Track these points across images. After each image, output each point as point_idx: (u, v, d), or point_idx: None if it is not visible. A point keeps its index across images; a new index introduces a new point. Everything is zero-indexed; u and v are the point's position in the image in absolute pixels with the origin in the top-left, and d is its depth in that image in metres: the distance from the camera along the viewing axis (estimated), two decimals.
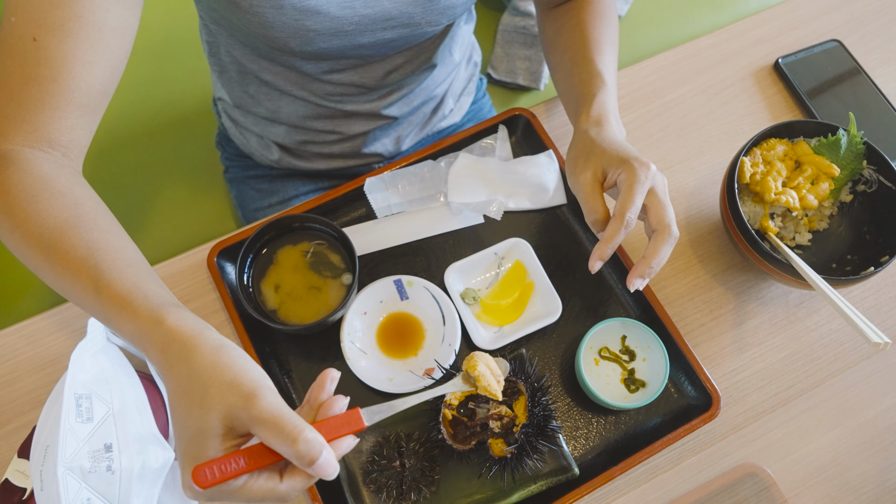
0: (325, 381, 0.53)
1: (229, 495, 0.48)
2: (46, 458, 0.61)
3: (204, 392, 0.48)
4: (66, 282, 0.56)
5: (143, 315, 0.53)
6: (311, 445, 0.46)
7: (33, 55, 0.58)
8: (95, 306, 0.55)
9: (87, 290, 0.55)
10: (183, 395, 0.49)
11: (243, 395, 0.48)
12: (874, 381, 0.82)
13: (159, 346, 0.51)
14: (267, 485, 0.49)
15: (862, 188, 0.84)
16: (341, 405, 0.52)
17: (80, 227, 0.57)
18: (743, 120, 0.96)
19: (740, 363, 0.82)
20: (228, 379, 0.49)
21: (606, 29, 0.82)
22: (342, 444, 0.50)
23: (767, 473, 0.76)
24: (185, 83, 1.29)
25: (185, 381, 0.49)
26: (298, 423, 0.47)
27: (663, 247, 0.66)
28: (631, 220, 0.65)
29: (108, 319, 0.55)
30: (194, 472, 0.47)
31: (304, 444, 0.46)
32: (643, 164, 0.66)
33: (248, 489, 0.48)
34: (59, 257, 0.56)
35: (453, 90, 1.03)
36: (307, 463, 0.46)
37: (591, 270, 0.68)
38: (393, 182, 0.85)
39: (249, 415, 0.47)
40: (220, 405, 0.48)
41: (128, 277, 0.55)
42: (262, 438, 0.47)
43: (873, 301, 0.86)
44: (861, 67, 0.99)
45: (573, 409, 0.78)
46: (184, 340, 0.51)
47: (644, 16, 1.41)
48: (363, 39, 0.76)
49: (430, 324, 0.80)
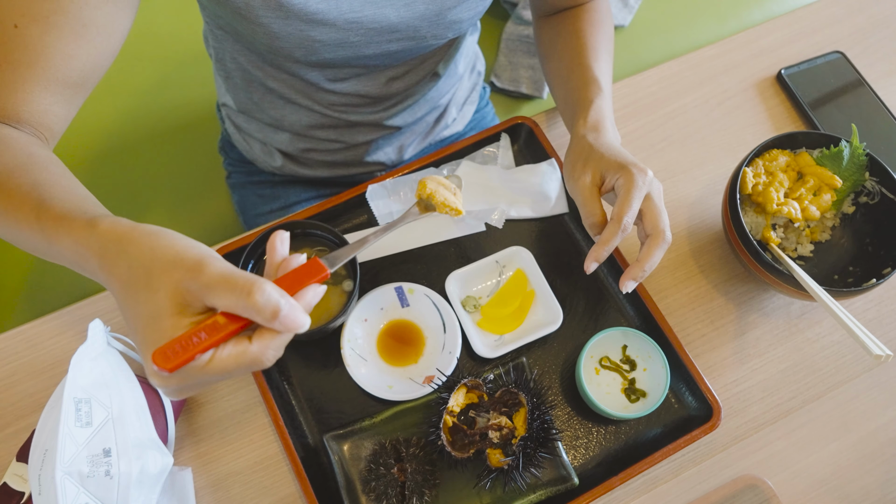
0: (275, 243, 0.49)
1: (200, 375, 0.45)
2: (45, 463, 0.61)
3: (148, 276, 0.45)
4: (10, 218, 0.54)
5: (79, 226, 0.50)
6: (269, 295, 0.43)
7: (11, 40, 0.58)
8: (38, 236, 0.53)
9: (29, 220, 0.53)
10: (128, 287, 0.46)
11: (188, 267, 0.45)
12: (875, 393, 0.82)
13: (97, 251, 0.48)
14: (235, 350, 0.45)
15: (864, 200, 0.84)
16: (299, 260, 0.49)
17: (29, 171, 0.56)
18: (745, 130, 0.96)
19: (741, 374, 0.81)
20: (171, 257, 0.45)
21: (603, 36, 0.83)
22: (307, 294, 0.47)
23: (768, 485, 0.76)
24: (189, 88, 1.29)
25: (127, 273, 0.46)
26: (252, 277, 0.44)
27: (656, 251, 0.68)
28: (628, 224, 0.66)
29: (50, 244, 0.52)
30: (155, 355, 0.43)
31: (261, 295, 0.43)
32: (641, 170, 0.67)
33: (217, 362, 0.45)
34: (4, 195, 0.55)
35: (457, 99, 1.04)
36: (270, 316, 0.43)
37: (587, 271, 0.69)
38: (395, 189, 0.85)
39: (199, 283, 0.44)
40: (167, 282, 0.45)
41: (69, 201, 0.53)
42: (218, 305, 0.44)
43: (875, 313, 0.86)
44: (864, 79, 0.99)
45: (573, 419, 0.78)
46: (118, 236, 0.48)
47: (647, 26, 1.42)
48: (368, 51, 0.76)
49: (431, 331, 0.80)
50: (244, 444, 0.75)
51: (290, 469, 0.74)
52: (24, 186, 0.55)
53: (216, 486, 0.73)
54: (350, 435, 0.74)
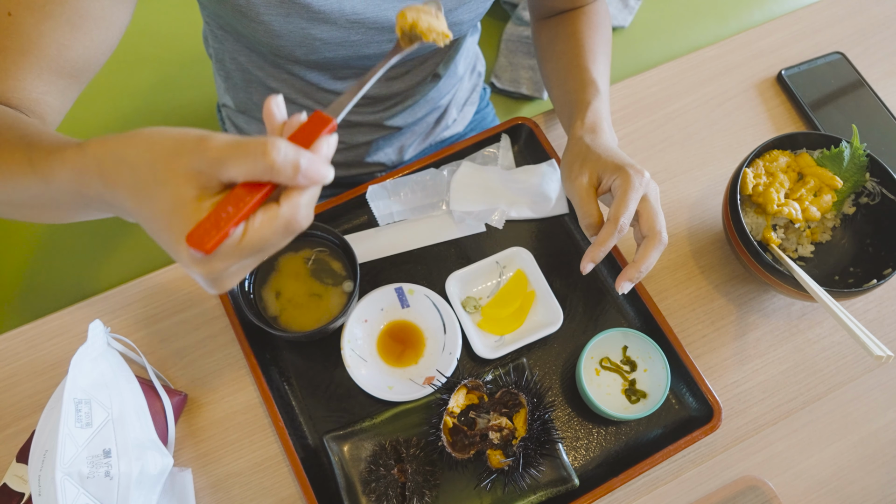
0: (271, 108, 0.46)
1: (237, 252, 0.42)
2: (45, 463, 0.61)
3: (154, 172, 0.43)
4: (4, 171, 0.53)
5: (70, 154, 0.48)
6: (285, 150, 0.41)
7: (5, 28, 0.57)
8: (34, 180, 0.51)
9: (22, 167, 0.51)
10: (138, 191, 0.44)
11: (191, 148, 0.42)
12: (876, 394, 0.81)
13: (95, 168, 0.46)
14: (266, 216, 0.42)
15: (865, 200, 0.84)
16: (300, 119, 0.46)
17: (15, 127, 0.55)
18: (746, 131, 0.96)
19: (742, 375, 0.81)
20: (170, 146, 0.43)
21: (600, 39, 0.83)
22: (321, 146, 0.44)
23: (769, 486, 0.76)
24: (189, 89, 1.29)
25: (132, 178, 0.44)
26: (261, 137, 0.41)
27: (652, 252, 0.68)
28: (624, 225, 0.66)
29: (48, 184, 0.50)
30: (188, 238, 0.41)
31: (277, 152, 0.40)
32: (638, 172, 0.67)
33: (251, 233, 0.42)
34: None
35: (457, 100, 1.04)
36: (292, 171, 0.41)
37: (583, 272, 0.69)
38: (395, 190, 0.85)
39: (208, 159, 0.41)
40: (176, 171, 0.42)
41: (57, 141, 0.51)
42: (234, 176, 0.42)
43: (876, 314, 0.86)
44: (864, 80, 0.99)
45: (573, 420, 0.78)
46: (111, 147, 0.45)
47: (647, 27, 1.42)
48: (369, 51, 0.76)
49: (431, 332, 0.80)
50: (244, 444, 0.75)
51: (291, 470, 0.74)
52: (13, 139, 0.53)
53: (216, 486, 0.73)
54: (350, 436, 0.74)
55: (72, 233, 1.17)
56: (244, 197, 0.42)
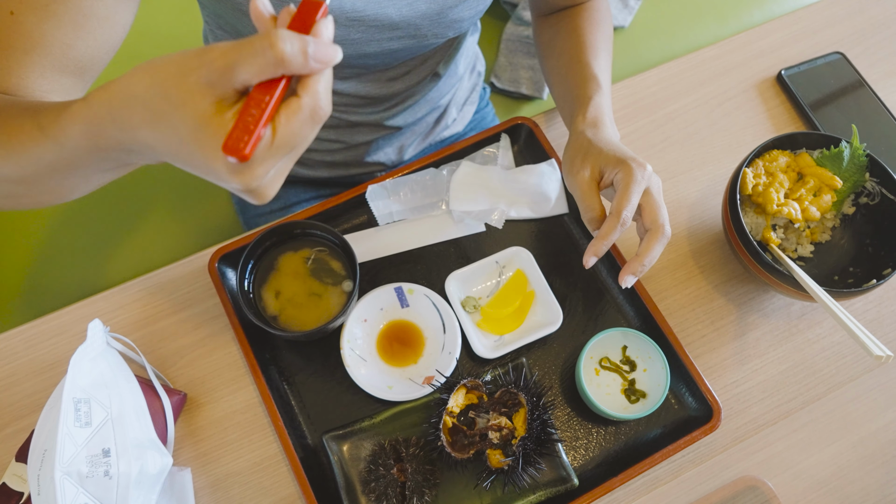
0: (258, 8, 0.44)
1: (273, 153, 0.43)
2: (44, 463, 0.61)
3: (167, 98, 0.42)
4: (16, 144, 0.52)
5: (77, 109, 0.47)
6: (290, 38, 0.40)
7: (8, 27, 0.57)
8: (48, 145, 0.51)
9: (33, 135, 0.51)
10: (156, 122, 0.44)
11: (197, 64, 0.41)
12: (876, 394, 0.81)
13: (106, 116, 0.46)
14: (290, 110, 0.43)
15: (864, 200, 0.84)
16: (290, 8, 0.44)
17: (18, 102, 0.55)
18: (745, 131, 0.96)
19: (741, 375, 0.81)
20: (174, 69, 0.42)
21: (602, 35, 0.83)
22: (321, 30, 0.43)
23: (768, 486, 0.76)
24: None
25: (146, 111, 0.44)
26: (262, 33, 0.41)
27: (656, 245, 0.68)
28: (627, 218, 0.66)
29: (62, 146, 0.50)
30: (225, 148, 0.41)
31: (283, 42, 0.40)
32: (640, 165, 0.67)
33: (281, 130, 0.42)
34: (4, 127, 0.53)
35: (457, 100, 1.04)
36: (302, 56, 0.40)
37: (586, 265, 0.69)
38: (395, 189, 0.85)
39: (217, 69, 0.41)
40: (188, 90, 0.42)
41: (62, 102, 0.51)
42: (246, 78, 0.41)
43: (875, 314, 0.86)
44: (864, 80, 0.99)
45: (573, 419, 0.78)
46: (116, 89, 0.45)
47: (647, 27, 1.42)
48: (369, 49, 0.76)
49: (431, 332, 0.80)
50: (244, 444, 0.75)
51: (290, 470, 0.74)
52: (18, 112, 0.53)
53: (215, 486, 0.73)
54: (350, 435, 0.74)
55: (72, 232, 1.17)
56: (263, 97, 0.42)
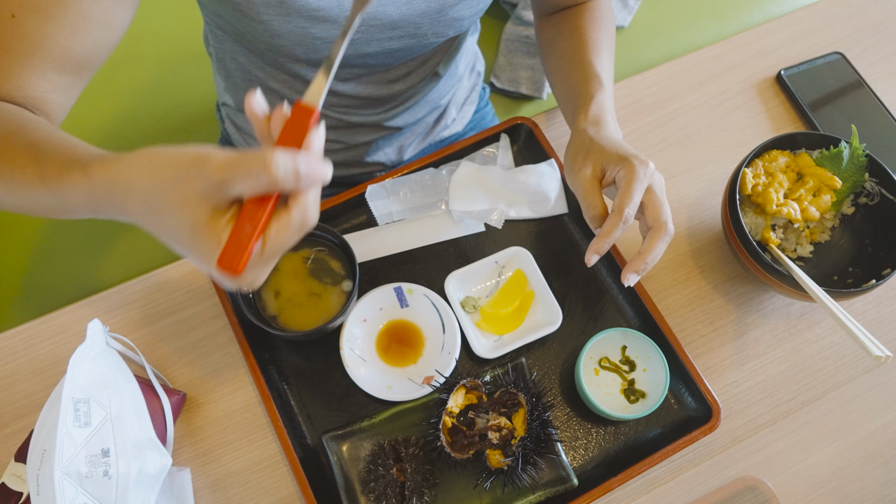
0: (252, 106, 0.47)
1: (262, 262, 0.46)
2: (43, 463, 0.61)
3: (163, 200, 0.45)
4: (17, 184, 0.55)
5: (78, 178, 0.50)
6: (284, 161, 0.43)
7: (9, 30, 0.59)
8: (48, 196, 0.53)
9: (34, 182, 0.53)
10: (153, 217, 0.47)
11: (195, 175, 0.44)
12: (875, 394, 0.82)
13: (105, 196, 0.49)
14: (280, 225, 0.46)
15: (864, 201, 0.84)
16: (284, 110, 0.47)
17: (23, 133, 0.56)
18: (745, 131, 0.96)
19: (741, 375, 0.81)
20: (172, 175, 0.45)
21: (604, 34, 0.83)
22: (312, 143, 0.46)
23: (767, 486, 0.76)
24: (189, 88, 1.29)
25: (144, 206, 0.46)
26: (258, 153, 0.43)
27: (658, 243, 0.67)
28: (629, 216, 0.66)
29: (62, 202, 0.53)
30: (220, 265, 0.44)
31: (277, 164, 0.43)
32: (642, 162, 0.67)
33: (270, 243, 0.46)
34: (6, 162, 0.55)
35: (456, 100, 1.04)
36: (294, 178, 0.43)
37: (588, 263, 0.68)
38: (394, 189, 0.85)
39: (213, 183, 0.44)
40: (185, 197, 0.44)
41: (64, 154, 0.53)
42: (239, 191, 0.44)
43: (875, 314, 0.86)
44: (863, 80, 0.99)
45: (572, 419, 0.78)
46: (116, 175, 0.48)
47: (647, 27, 1.42)
48: (369, 48, 0.76)
49: (430, 332, 0.80)
50: (243, 444, 0.75)
51: (289, 469, 0.74)
52: (23, 149, 0.55)
53: (215, 486, 0.73)
54: (349, 435, 0.74)
55: (71, 232, 1.17)
56: (257, 212, 0.45)
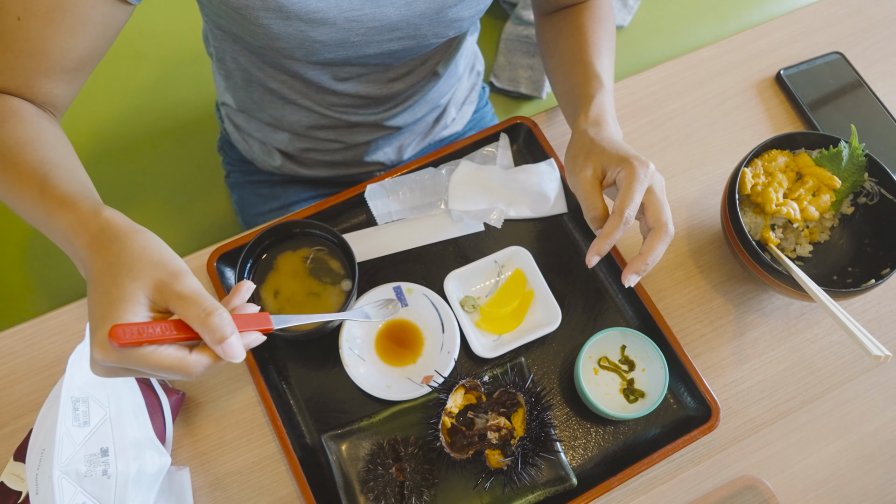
0: (240, 288, 0.56)
1: (137, 362, 0.49)
2: (42, 462, 0.61)
3: (132, 266, 0.51)
4: (16, 189, 0.59)
5: (83, 208, 0.55)
6: (224, 322, 0.49)
7: (14, 31, 0.62)
8: (38, 209, 0.58)
9: (33, 195, 0.58)
10: (111, 269, 0.51)
11: (169, 272, 0.51)
12: (874, 394, 0.82)
13: (93, 231, 0.54)
14: (176, 354, 0.50)
15: (863, 200, 0.84)
16: (251, 308, 0.55)
17: (37, 147, 0.61)
18: (744, 131, 0.96)
19: (740, 374, 0.81)
20: (157, 259, 0.51)
21: (604, 33, 0.83)
22: (250, 337, 0.53)
23: (767, 486, 0.76)
24: (188, 87, 1.29)
25: (115, 258, 0.52)
26: (216, 303, 0.50)
27: (659, 244, 0.67)
28: (630, 217, 0.66)
29: (48, 218, 0.57)
30: (114, 328, 0.47)
31: (218, 319, 0.49)
32: (642, 163, 0.67)
33: (156, 355, 0.49)
34: (12, 169, 0.60)
35: (456, 99, 1.04)
36: (217, 339, 0.49)
37: (588, 265, 0.69)
38: (394, 189, 0.85)
39: (173, 290, 0.50)
40: (148, 277, 0.50)
41: (71, 185, 0.58)
42: (180, 313, 0.50)
43: (874, 314, 0.86)
44: (863, 80, 0.99)
45: (572, 419, 0.78)
46: (118, 228, 0.53)
47: (646, 26, 1.42)
48: (369, 50, 0.76)
49: (429, 331, 0.80)
50: (242, 443, 0.75)
51: (288, 469, 0.74)
52: (32, 163, 0.60)
53: (214, 485, 0.73)
54: (348, 435, 0.74)
55: None
56: (174, 330, 0.50)
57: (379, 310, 0.71)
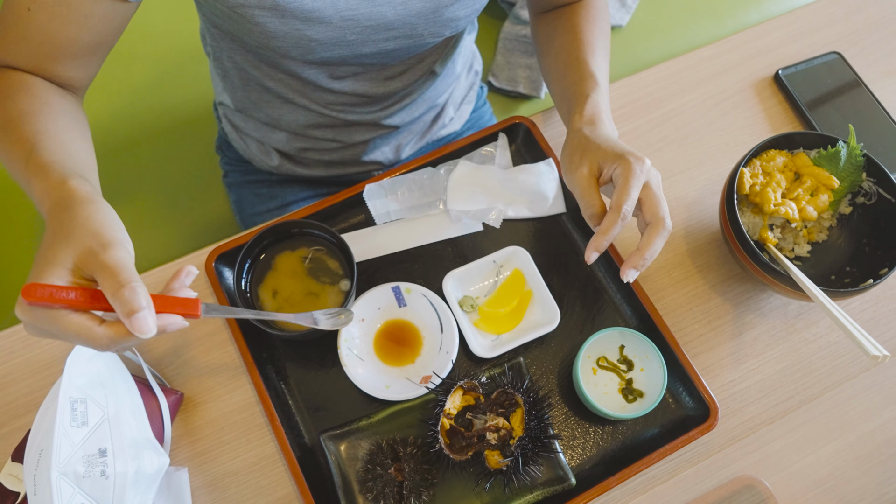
0: (180, 273, 0.56)
1: (48, 322, 0.51)
2: (40, 463, 0.61)
3: (70, 234, 0.53)
4: (10, 155, 0.63)
5: (54, 177, 0.58)
6: (136, 296, 0.49)
7: (26, 21, 0.65)
8: (23, 173, 0.61)
9: (20, 160, 0.61)
10: (54, 233, 0.54)
11: (101, 242, 0.52)
12: (872, 393, 0.82)
13: (55, 199, 0.56)
14: (85, 322, 0.51)
15: (861, 200, 0.84)
16: (187, 293, 0.55)
17: (37, 118, 0.64)
18: (743, 131, 0.96)
19: (738, 374, 0.81)
20: (96, 229, 0.53)
21: (599, 32, 0.83)
22: (168, 318, 0.53)
23: (765, 486, 0.76)
24: (186, 87, 1.29)
25: (59, 224, 0.54)
26: (134, 277, 0.50)
27: (657, 239, 0.67)
28: (627, 213, 0.66)
29: (29, 184, 0.60)
30: (26, 286, 0.49)
31: (130, 292, 0.49)
32: (638, 159, 0.67)
33: (66, 319, 0.51)
34: (10, 135, 0.63)
35: (454, 99, 1.03)
36: (126, 312, 0.49)
37: (588, 261, 0.68)
38: (392, 189, 0.85)
39: (98, 260, 0.51)
40: (79, 244, 0.52)
41: (56, 154, 0.61)
42: (100, 284, 0.50)
43: (872, 313, 0.86)
44: (861, 80, 0.99)
45: (570, 419, 0.78)
46: (75, 197, 0.56)
47: (644, 26, 1.42)
48: (365, 49, 0.76)
49: (428, 331, 0.80)
50: (241, 444, 0.75)
51: (287, 469, 0.74)
52: (27, 132, 0.63)
53: (213, 486, 0.73)
54: (347, 435, 0.74)
55: None
56: (90, 300, 0.51)
57: (329, 318, 0.70)
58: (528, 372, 0.77)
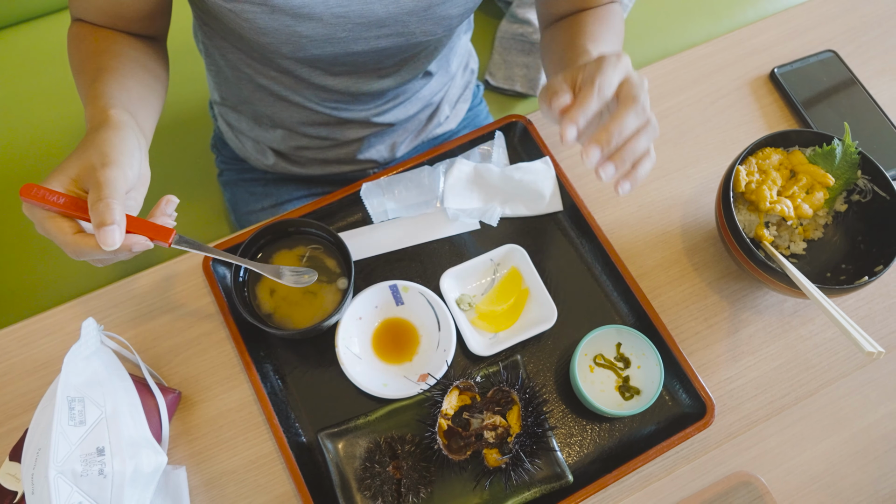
0: (161, 202, 0.63)
1: (36, 218, 0.58)
2: (38, 462, 0.61)
3: (86, 149, 0.59)
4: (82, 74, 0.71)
5: (100, 105, 0.64)
6: (110, 210, 0.54)
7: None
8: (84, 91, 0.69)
9: (87, 82, 0.69)
10: (77, 148, 0.60)
11: (102, 161, 0.57)
12: (868, 390, 0.82)
13: (94, 124, 0.63)
14: (64, 226, 0.58)
15: (856, 198, 0.84)
16: (165, 221, 0.62)
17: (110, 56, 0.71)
18: (739, 129, 0.96)
19: (735, 371, 0.82)
20: (105, 149, 0.58)
21: (606, 28, 0.79)
22: (135, 238, 0.59)
23: (761, 482, 0.76)
24: (182, 85, 1.28)
25: (84, 141, 0.60)
26: (115, 195, 0.55)
27: (627, 113, 0.58)
28: (602, 88, 0.58)
29: (85, 108, 0.67)
30: (26, 185, 0.56)
31: (104, 206, 0.54)
32: (614, 53, 0.61)
33: (50, 221, 0.58)
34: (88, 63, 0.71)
35: (449, 97, 1.03)
36: (98, 223, 0.54)
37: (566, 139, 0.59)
38: (389, 187, 0.85)
39: (93, 174, 0.56)
40: (85, 158, 0.58)
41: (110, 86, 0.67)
42: (88, 196, 0.56)
43: (867, 310, 0.86)
44: (856, 78, 0.99)
45: (567, 416, 0.78)
46: (109, 122, 0.62)
47: (641, 25, 1.42)
48: (357, 47, 0.76)
49: (425, 329, 0.80)
50: (239, 442, 0.75)
51: (285, 467, 0.74)
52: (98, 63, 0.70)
53: (210, 484, 0.73)
54: (345, 433, 0.74)
55: None
56: (75, 208, 0.57)
57: (293, 275, 0.72)
58: (524, 368, 0.77)
